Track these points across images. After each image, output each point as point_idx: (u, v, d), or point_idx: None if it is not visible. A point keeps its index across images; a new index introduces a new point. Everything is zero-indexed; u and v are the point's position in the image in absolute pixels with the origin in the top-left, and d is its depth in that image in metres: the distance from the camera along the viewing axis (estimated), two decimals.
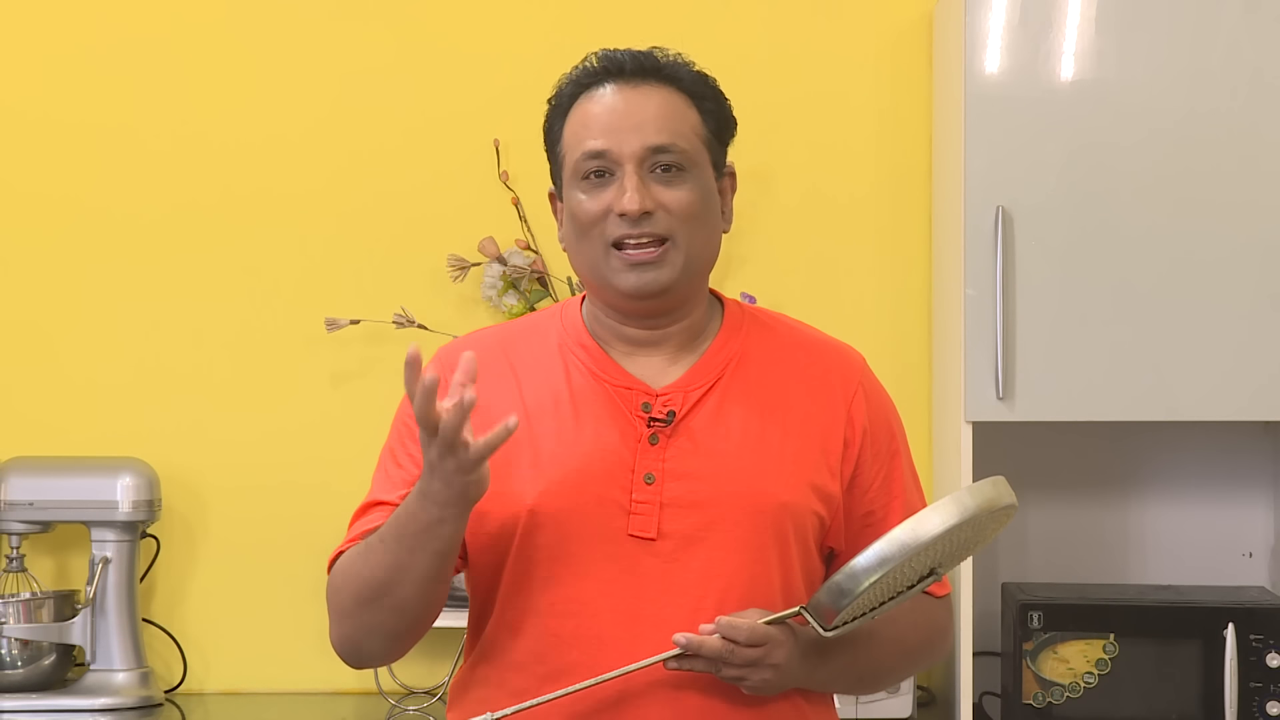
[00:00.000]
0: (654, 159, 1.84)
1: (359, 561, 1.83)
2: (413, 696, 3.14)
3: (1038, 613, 2.93)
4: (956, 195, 2.96)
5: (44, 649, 3.07)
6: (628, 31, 3.22)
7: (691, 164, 1.87)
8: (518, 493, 1.83)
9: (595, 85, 1.88)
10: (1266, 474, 3.24)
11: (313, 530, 3.24)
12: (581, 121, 1.88)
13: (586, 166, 1.86)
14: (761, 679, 1.78)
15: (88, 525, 3.12)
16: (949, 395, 3.05)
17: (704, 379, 1.88)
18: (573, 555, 1.81)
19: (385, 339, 3.24)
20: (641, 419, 1.85)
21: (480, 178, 3.28)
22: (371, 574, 1.80)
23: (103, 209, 3.31)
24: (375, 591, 1.80)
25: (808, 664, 1.82)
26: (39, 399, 3.29)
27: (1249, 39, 2.89)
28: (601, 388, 1.87)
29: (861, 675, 1.95)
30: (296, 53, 3.32)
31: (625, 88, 1.87)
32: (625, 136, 1.84)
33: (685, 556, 1.82)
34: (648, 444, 1.84)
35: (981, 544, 1.84)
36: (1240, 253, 2.89)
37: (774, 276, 3.26)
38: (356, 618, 1.83)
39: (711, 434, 1.86)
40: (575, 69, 1.92)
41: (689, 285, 1.89)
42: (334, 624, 1.88)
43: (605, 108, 1.86)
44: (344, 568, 1.86)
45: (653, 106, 1.86)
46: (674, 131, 1.86)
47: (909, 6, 3.30)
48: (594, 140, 1.85)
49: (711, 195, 1.90)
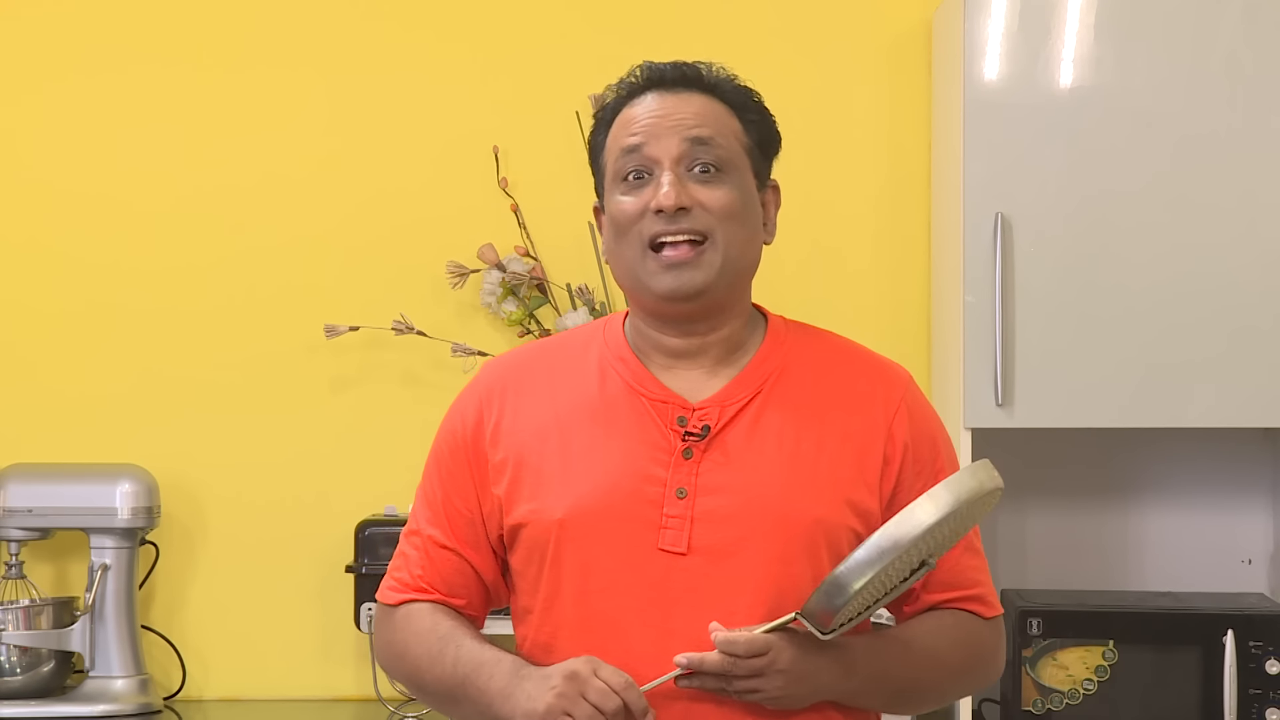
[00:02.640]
0: (693, 157, 1.84)
1: (424, 657, 1.89)
2: (411, 703, 3.13)
3: (1037, 619, 2.93)
4: (956, 202, 2.97)
5: (43, 656, 3.07)
6: (629, 39, 3.24)
7: (731, 166, 1.87)
8: (549, 506, 1.83)
9: (637, 95, 1.89)
10: (1265, 480, 3.24)
11: (312, 537, 3.24)
12: (622, 126, 1.88)
13: (625, 165, 1.86)
14: (776, 688, 1.75)
15: (87, 532, 3.11)
16: (948, 402, 3.05)
17: (742, 393, 1.87)
18: (603, 569, 1.81)
19: (385, 345, 3.24)
20: (677, 433, 1.84)
21: (480, 184, 3.28)
22: (429, 683, 1.89)
23: (101, 215, 3.30)
24: (425, 691, 1.92)
25: (830, 671, 1.79)
26: (38, 406, 3.29)
27: (1247, 46, 2.90)
28: (638, 401, 1.86)
29: (901, 689, 1.89)
30: (297, 60, 3.32)
31: (667, 94, 1.88)
32: (664, 135, 1.85)
33: (715, 571, 1.80)
34: (681, 458, 1.83)
35: (968, 529, 1.81)
36: (1239, 259, 2.89)
37: (773, 283, 3.24)
38: (400, 680, 1.97)
39: (746, 448, 1.84)
40: (618, 81, 1.92)
41: (727, 290, 1.88)
42: (381, 656, 2.00)
43: (645, 111, 1.87)
44: (406, 638, 1.91)
45: (694, 108, 1.87)
46: (715, 130, 1.86)
47: (908, 13, 3.30)
48: (632, 138, 1.86)
49: (752, 200, 1.90)
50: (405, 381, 3.27)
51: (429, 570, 1.92)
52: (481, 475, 1.89)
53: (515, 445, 1.88)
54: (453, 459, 1.92)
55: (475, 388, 1.95)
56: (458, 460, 1.92)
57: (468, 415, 1.92)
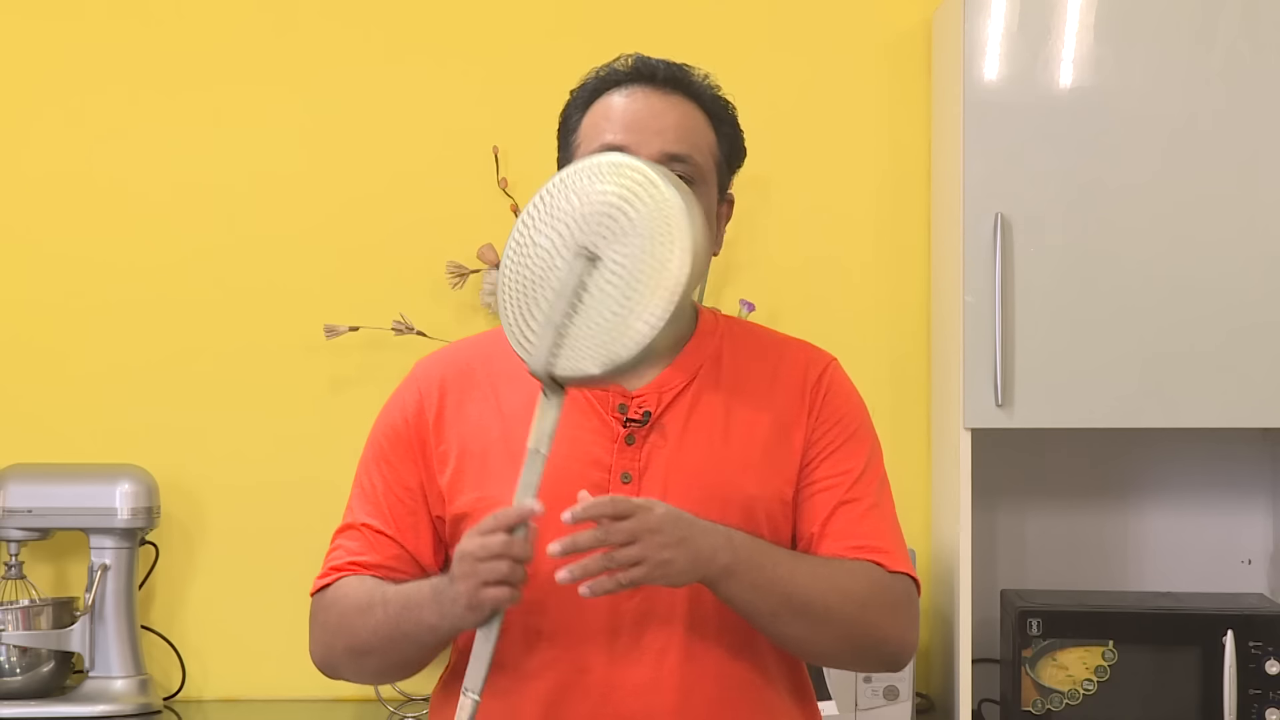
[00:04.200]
0: (668, 167, 1.85)
1: (355, 614, 1.87)
2: (411, 704, 3.13)
3: (1037, 619, 2.93)
4: (955, 202, 2.97)
5: (43, 656, 3.07)
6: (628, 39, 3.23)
7: (701, 180, 1.89)
8: (494, 494, 1.84)
9: (623, 85, 1.91)
10: (1265, 481, 3.24)
11: (312, 537, 3.21)
12: (603, 114, 1.90)
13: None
14: (655, 551, 1.71)
15: (87, 532, 3.11)
16: (948, 402, 3.05)
17: (678, 379, 1.91)
18: (550, 557, 1.79)
19: (384, 346, 3.24)
20: (618, 419, 1.88)
21: (479, 185, 3.28)
22: (366, 637, 1.87)
23: (101, 214, 3.30)
24: (364, 650, 1.88)
25: (709, 536, 1.75)
26: (38, 406, 3.29)
27: (1246, 46, 2.90)
28: (578, 392, 1.87)
29: (790, 595, 1.81)
30: (296, 60, 3.32)
31: (653, 93, 1.90)
32: (647, 138, 1.86)
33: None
34: (624, 444, 1.87)
35: (662, 243, 1.71)
36: (1238, 260, 2.89)
37: (773, 283, 3.26)
38: (342, 659, 1.93)
39: (685, 432, 1.88)
40: (605, 66, 1.93)
41: None
42: (316, 649, 1.96)
43: (630, 106, 1.89)
44: (340, 608, 1.90)
45: (676, 116, 1.89)
46: (692, 145, 1.89)
47: (908, 14, 3.30)
48: (614, 134, 1.87)
49: (711, 214, 1.92)
50: None
51: (368, 554, 1.92)
52: (426, 462, 1.91)
53: (458, 436, 1.90)
54: (393, 449, 1.93)
55: (412, 382, 1.97)
56: (398, 451, 1.93)
57: (407, 407, 1.94)
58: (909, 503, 3.08)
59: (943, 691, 3.15)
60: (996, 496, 3.22)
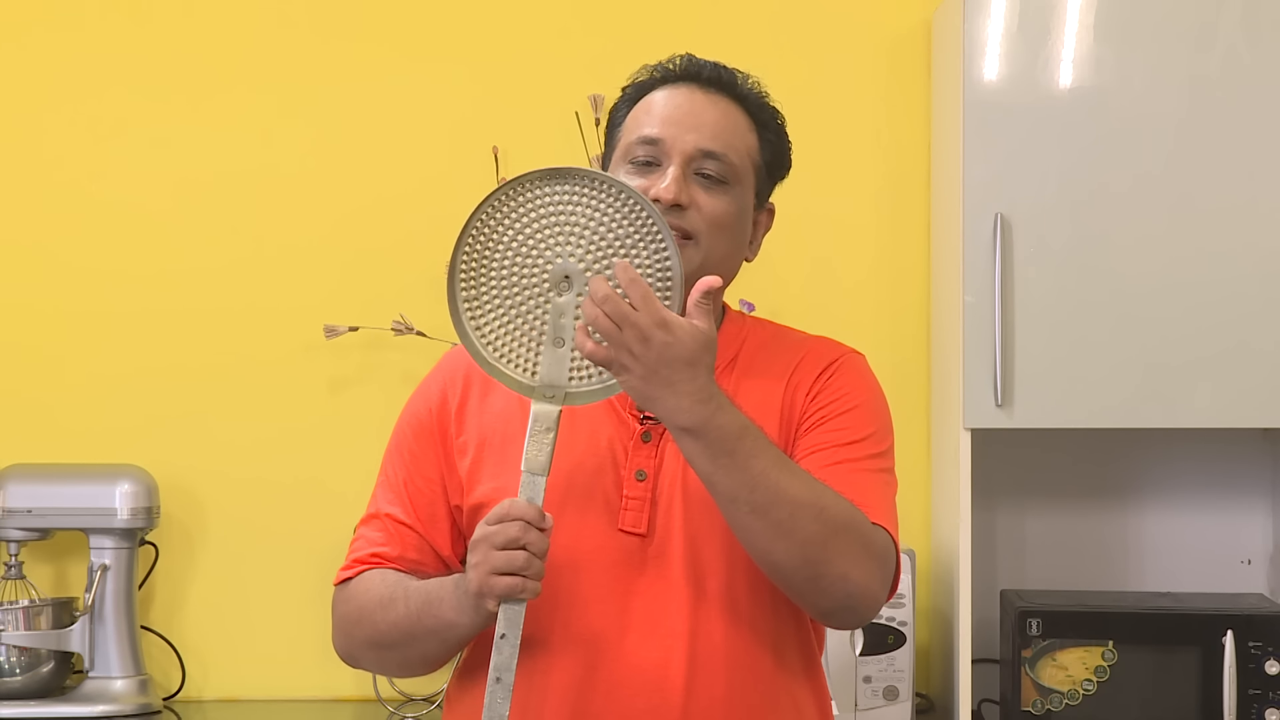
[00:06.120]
0: (701, 163, 1.87)
1: (377, 608, 1.88)
2: (411, 704, 3.13)
3: (1036, 620, 2.93)
4: (955, 202, 2.97)
5: (42, 656, 3.07)
6: (628, 40, 3.25)
7: (735, 180, 1.90)
8: (511, 485, 1.83)
9: (670, 82, 1.93)
10: (1265, 481, 3.24)
11: (312, 537, 3.24)
12: (645, 108, 1.92)
13: (637, 151, 1.89)
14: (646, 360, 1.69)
15: (86, 532, 3.11)
16: (948, 402, 3.06)
17: None
18: (564, 549, 1.82)
19: (384, 346, 3.24)
20: (635, 417, 1.88)
21: (479, 184, 3.28)
22: (387, 631, 1.88)
23: (101, 215, 3.31)
24: (385, 643, 1.89)
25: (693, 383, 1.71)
26: (38, 406, 3.29)
27: (1246, 47, 2.90)
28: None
29: (763, 487, 1.73)
30: (295, 60, 3.32)
31: (697, 91, 1.91)
32: (682, 133, 1.88)
33: (675, 551, 1.84)
34: (640, 441, 1.87)
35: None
36: (1238, 260, 2.89)
37: (773, 284, 3.25)
38: (363, 650, 1.94)
39: None
40: (657, 64, 1.95)
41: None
42: (338, 639, 1.96)
43: (671, 101, 1.91)
44: (360, 601, 1.91)
45: (716, 114, 1.91)
46: (728, 144, 1.89)
47: (907, 14, 3.30)
48: (651, 128, 1.89)
49: (746, 217, 1.93)
50: (405, 382, 3.26)
51: (390, 545, 1.93)
52: (447, 452, 1.92)
53: (478, 426, 1.91)
54: (416, 440, 1.95)
55: (438, 374, 1.99)
56: (421, 441, 1.94)
57: (431, 397, 1.96)
58: (909, 503, 3.08)
59: (942, 691, 3.15)
60: (996, 496, 3.22)
